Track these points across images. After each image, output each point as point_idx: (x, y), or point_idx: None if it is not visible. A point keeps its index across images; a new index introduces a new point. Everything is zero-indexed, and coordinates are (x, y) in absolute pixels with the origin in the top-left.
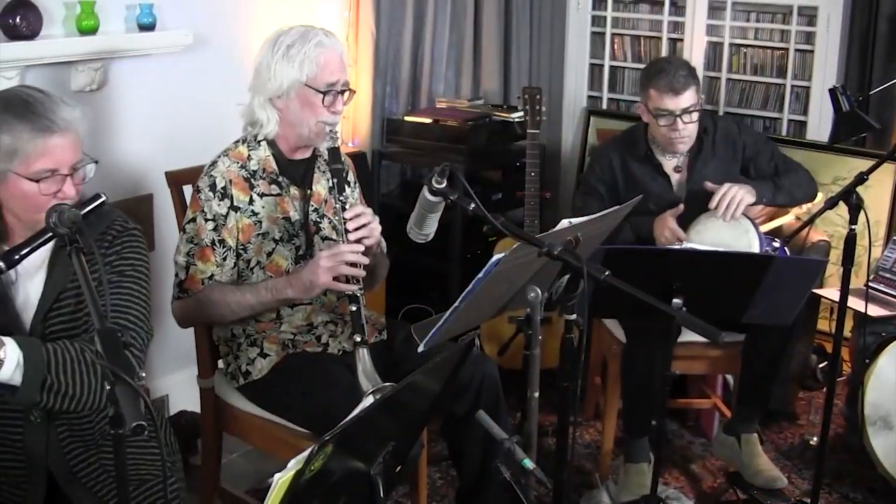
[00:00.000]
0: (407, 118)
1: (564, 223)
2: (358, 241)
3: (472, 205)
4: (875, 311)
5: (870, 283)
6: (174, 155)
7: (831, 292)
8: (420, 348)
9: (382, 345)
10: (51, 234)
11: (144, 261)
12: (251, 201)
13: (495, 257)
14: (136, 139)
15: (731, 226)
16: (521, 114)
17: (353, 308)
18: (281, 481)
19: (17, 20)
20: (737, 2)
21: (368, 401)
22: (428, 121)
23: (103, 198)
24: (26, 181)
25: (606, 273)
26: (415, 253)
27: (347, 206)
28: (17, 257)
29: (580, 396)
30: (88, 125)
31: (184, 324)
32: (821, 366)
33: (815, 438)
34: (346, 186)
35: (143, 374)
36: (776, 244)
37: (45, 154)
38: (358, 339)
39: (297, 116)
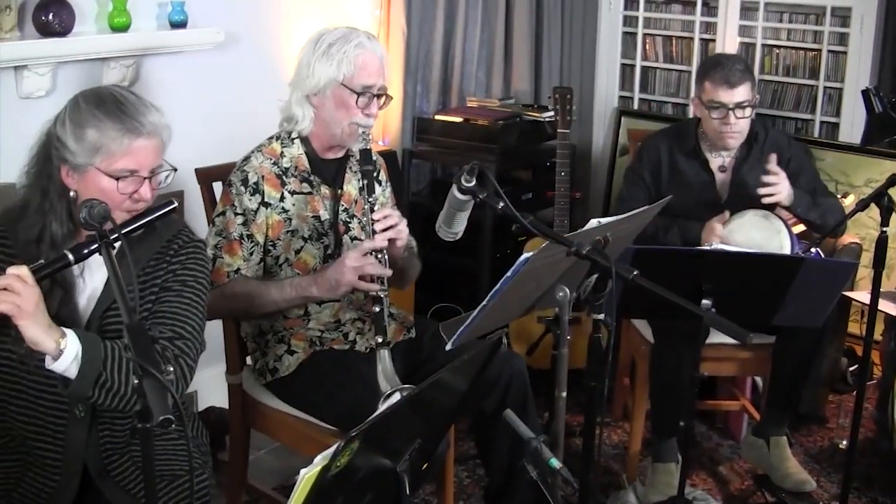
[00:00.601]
0: (437, 117)
1: (593, 223)
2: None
3: (501, 204)
4: None
5: None
6: (204, 152)
7: (862, 295)
8: (448, 346)
9: (411, 343)
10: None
11: (206, 275)
12: (282, 198)
13: (524, 256)
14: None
15: (763, 226)
16: (552, 113)
17: (377, 309)
18: (307, 477)
19: (50, 17)
20: (770, 2)
21: (391, 398)
22: (458, 120)
23: (174, 204)
24: (106, 178)
25: (635, 273)
26: (444, 251)
27: (376, 208)
28: (86, 251)
29: (608, 397)
30: None
31: (207, 315)
32: (851, 369)
33: (844, 442)
34: (377, 186)
35: (171, 369)
36: (810, 246)
37: (128, 154)
38: (379, 339)
39: (331, 115)
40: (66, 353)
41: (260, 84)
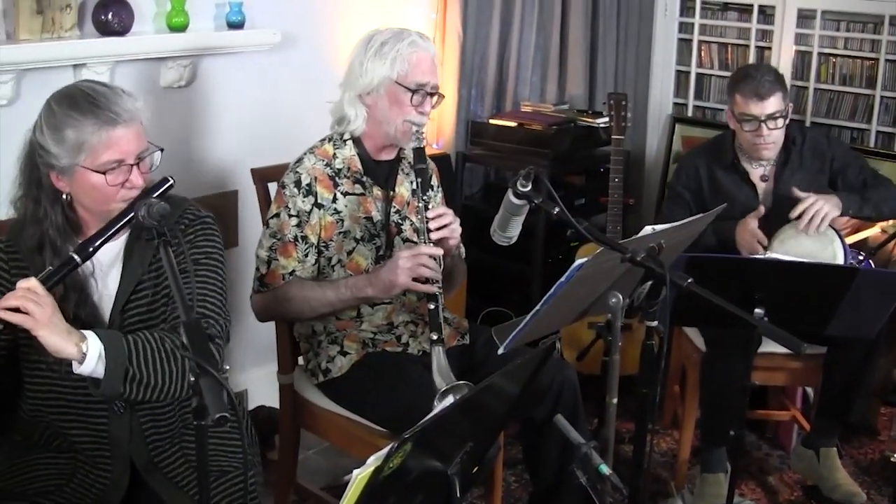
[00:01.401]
0: (491, 121)
1: (647, 230)
2: (439, 240)
3: (557, 209)
4: None
5: None
6: (260, 152)
7: None
8: (500, 350)
9: (464, 349)
10: (131, 224)
11: (218, 248)
12: (335, 199)
13: (578, 262)
14: (223, 136)
15: (816, 236)
16: (606, 119)
17: (431, 306)
18: (360, 477)
19: (110, 16)
20: (827, 10)
21: (446, 401)
22: (512, 124)
23: (171, 181)
24: (94, 174)
25: (689, 280)
26: (496, 256)
27: (430, 207)
28: (91, 249)
29: (658, 404)
30: (176, 120)
31: (262, 317)
32: None
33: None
34: (431, 190)
35: (227, 367)
36: (861, 257)
37: (110, 146)
38: (434, 337)
39: (384, 114)
40: (89, 355)
41: (316, 85)
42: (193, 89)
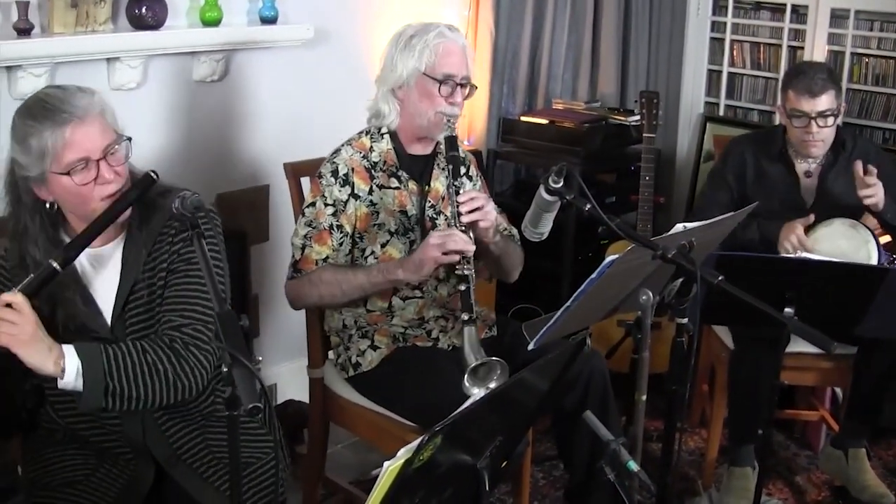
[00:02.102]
0: (523, 118)
1: (679, 227)
2: (472, 223)
3: (588, 205)
4: None
5: None
6: (292, 147)
7: None
8: (530, 346)
9: (492, 341)
10: (115, 223)
11: (222, 241)
12: (371, 191)
13: (609, 259)
14: (255, 130)
15: (851, 236)
16: (638, 117)
17: (463, 287)
18: (390, 469)
19: (143, 10)
20: (860, 10)
21: (476, 382)
22: (544, 121)
23: (155, 177)
24: (63, 177)
25: (720, 278)
26: (526, 252)
27: (462, 192)
28: (73, 254)
29: (687, 403)
30: (208, 114)
31: (296, 304)
32: None
33: None
34: (469, 180)
35: (260, 359)
36: (893, 257)
37: (70, 146)
38: (466, 317)
39: (416, 107)
40: (67, 372)
41: (348, 81)
42: (226, 84)
